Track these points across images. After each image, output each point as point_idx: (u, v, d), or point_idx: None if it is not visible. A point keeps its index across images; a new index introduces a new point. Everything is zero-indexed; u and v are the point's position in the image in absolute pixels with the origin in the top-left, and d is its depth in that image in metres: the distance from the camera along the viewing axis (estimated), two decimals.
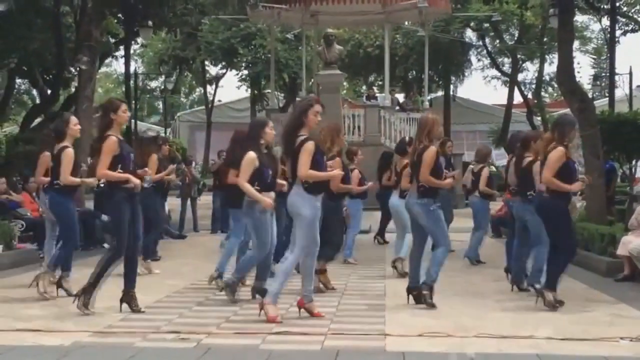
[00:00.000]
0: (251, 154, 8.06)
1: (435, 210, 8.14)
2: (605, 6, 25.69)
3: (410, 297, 8.23)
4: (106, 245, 14.13)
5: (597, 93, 40.87)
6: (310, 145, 7.34)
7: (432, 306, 7.98)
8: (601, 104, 29.30)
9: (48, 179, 9.36)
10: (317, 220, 7.44)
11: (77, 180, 8.91)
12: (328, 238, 8.65)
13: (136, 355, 6.04)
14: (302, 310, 7.54)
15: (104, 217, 15.07)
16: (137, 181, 7.72)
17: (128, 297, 7.72)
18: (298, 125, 7.45)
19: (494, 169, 13.81)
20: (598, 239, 11.26)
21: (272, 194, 8.13)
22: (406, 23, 30.45)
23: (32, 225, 12.90)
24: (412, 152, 8.45)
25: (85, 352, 6.15)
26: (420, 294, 8.09)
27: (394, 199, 10.63)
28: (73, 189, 8.99)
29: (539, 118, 35.90)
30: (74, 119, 9.10)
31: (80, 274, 10.57)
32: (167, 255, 7.86)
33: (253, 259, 8.37)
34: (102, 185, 9.43)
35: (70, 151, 8.75)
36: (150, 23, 21.82)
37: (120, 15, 22.14)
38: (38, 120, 25.80)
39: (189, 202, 17.72)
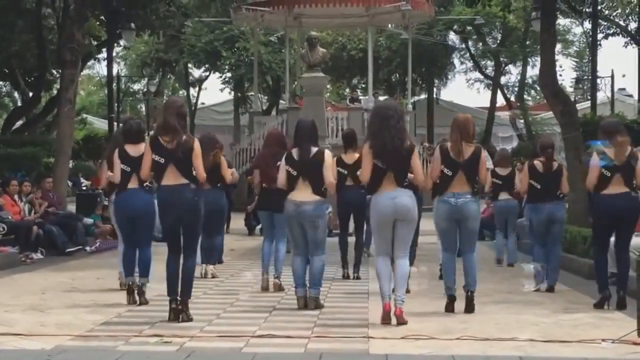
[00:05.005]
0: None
1: None
2: (587, 10, 25.86)
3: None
4: (88, 249, 14.07)
5: (579, 96, 41.09)
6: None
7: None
8: (583, 107, 29.47)
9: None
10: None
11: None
12: None
13: (118, 359, 6.00)
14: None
15: (87, 221, 15.05)
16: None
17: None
18: None
19: None
20: (580, 242, 11.31)
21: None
22: (389, 26, 30.58)
23: (13, 228, 12.81)
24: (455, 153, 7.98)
25: (67, 356, 6.10)
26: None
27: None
28: None
29: (522, 121, 36.06)
30: None
31: (63, 277, 10.55)
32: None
33: (323, 264, 8.32)
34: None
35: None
36: (132, 25, 21.74)
37: (102, 17, 22.04)
38: (20, 122, 25.67)
39: None
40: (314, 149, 8.17)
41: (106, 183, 9.14)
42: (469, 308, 7.96)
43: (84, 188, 22.61)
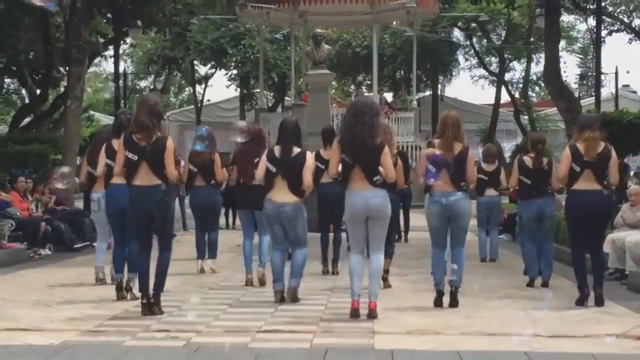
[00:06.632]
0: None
1: None
2: (591, 6, 25.83)
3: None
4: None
5: (583, 92, 41.04)
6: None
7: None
8: (587, 103, 29.45)
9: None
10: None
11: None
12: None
13: (125, 354, 6.05)
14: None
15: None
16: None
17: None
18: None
19: None
20: None
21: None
22: (394, 23, 30.53)
23: (22, 224, 12.89)
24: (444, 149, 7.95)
25: (74, 352, 6.14)
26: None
27: None
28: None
29: (526, 117, 36.04)
30: None
31: (70, 273, 10.61)
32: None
33: (305, 258, 8.38)
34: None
35: None
36: (139, 23, 21.78)
37: (109, 15, 22.09)
38: (27, 119, 25.74)
39: (177, 200, 17.68)
40: (296, 150, 8.21)
41: (85, 177, 9.31)
42: (453, 302, 8.00)
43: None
